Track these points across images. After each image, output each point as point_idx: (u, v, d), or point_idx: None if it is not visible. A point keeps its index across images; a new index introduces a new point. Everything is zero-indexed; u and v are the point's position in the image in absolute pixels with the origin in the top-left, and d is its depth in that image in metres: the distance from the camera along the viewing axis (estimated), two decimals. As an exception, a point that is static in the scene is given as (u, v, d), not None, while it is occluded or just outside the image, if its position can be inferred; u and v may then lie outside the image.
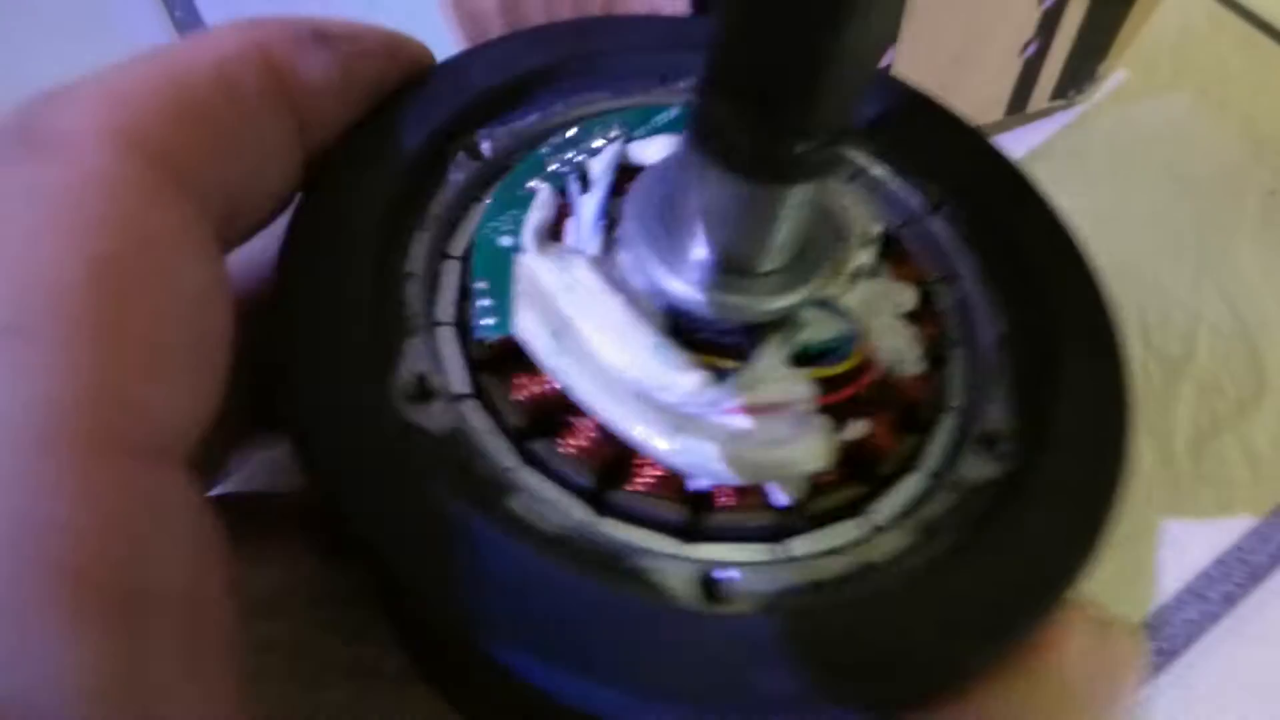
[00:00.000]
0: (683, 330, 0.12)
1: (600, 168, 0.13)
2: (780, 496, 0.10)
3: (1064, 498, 0.10)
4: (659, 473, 0.11)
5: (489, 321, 0.12)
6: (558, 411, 0.11)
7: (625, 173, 0.13)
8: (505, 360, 0.11)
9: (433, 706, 0.14)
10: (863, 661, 0.09)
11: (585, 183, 0.13)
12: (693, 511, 0.10)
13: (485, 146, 0.13)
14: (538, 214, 0.13)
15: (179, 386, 0.08)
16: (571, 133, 0.14)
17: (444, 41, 0.19)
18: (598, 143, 0.13)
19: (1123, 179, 0.28)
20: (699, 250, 0.11)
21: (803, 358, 0.11)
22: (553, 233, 0.13)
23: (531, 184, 0.13)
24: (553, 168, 0.13)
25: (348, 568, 0.11)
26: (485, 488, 0.10)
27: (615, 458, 0.11)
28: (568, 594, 0.09)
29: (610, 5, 0.16)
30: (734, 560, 0.10)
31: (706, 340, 0.12)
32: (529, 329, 0.11)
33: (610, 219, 0.12)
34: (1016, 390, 0.12)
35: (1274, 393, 0.23)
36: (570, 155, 0.14)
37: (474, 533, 0.09)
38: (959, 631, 0.09)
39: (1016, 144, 0.28)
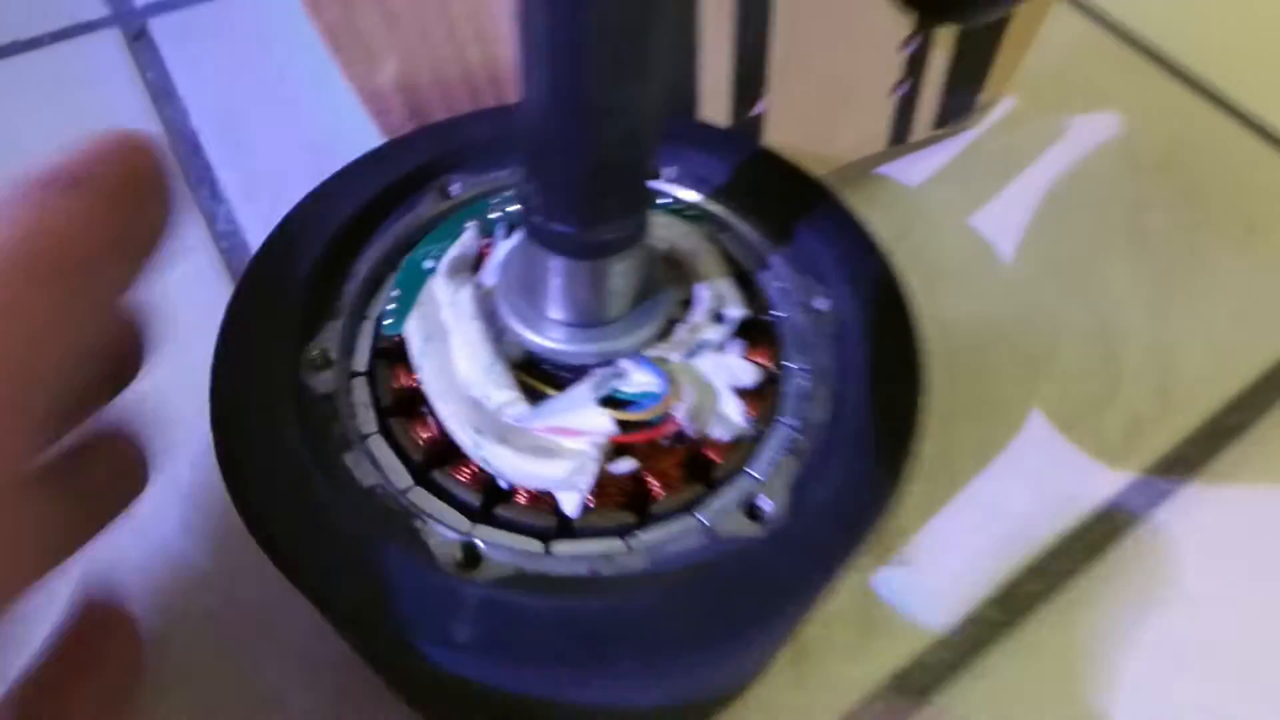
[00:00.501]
0: (537, 367, 0.15)
1: None
2: (565, 506, 0.13)
3: (775, 573, 0.12)
4: (474, 468, 0.13)
5: (390, 321, 0.15)
6: (418, 401, 0.14)
7: None
8: (400, 355, 0.15)
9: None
10: (524, 641, 0.11)
11: (511, 230, 0.16)
12: (488, 499, 0.13)
13: (455, 189, 0.17)
14: (458, 248, 0.16)
15: None
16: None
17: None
18: None
19: (1006, 201, 0.31)
20: (538, 301, 0.14)
21: (615, 401, 0.14)
22: (475, 266, 0.16)
23: (469, 224, 0.16)
24: (493, 215, 0.16)
25: None
26: (332, 441, 0.13)
27: (448, 449, 0.14)
28: (345, 530, 0.12)
29: (501, 94, 0.19)
30: (500, 543, 0.13)
31: (547, 372, 0.14)
32: (410, 330, 0.15)
33: None
34: (798, 473, 0.14)
35: (1128, 388, 0.26)
36: (511, 207, 0.17)
37: (301, 471, 0.12)
38: (600, 650, 0.11)
39: (910, 172, 0.31)
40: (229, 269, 0.26)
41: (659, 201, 0.17)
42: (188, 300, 0.24)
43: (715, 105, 0.22)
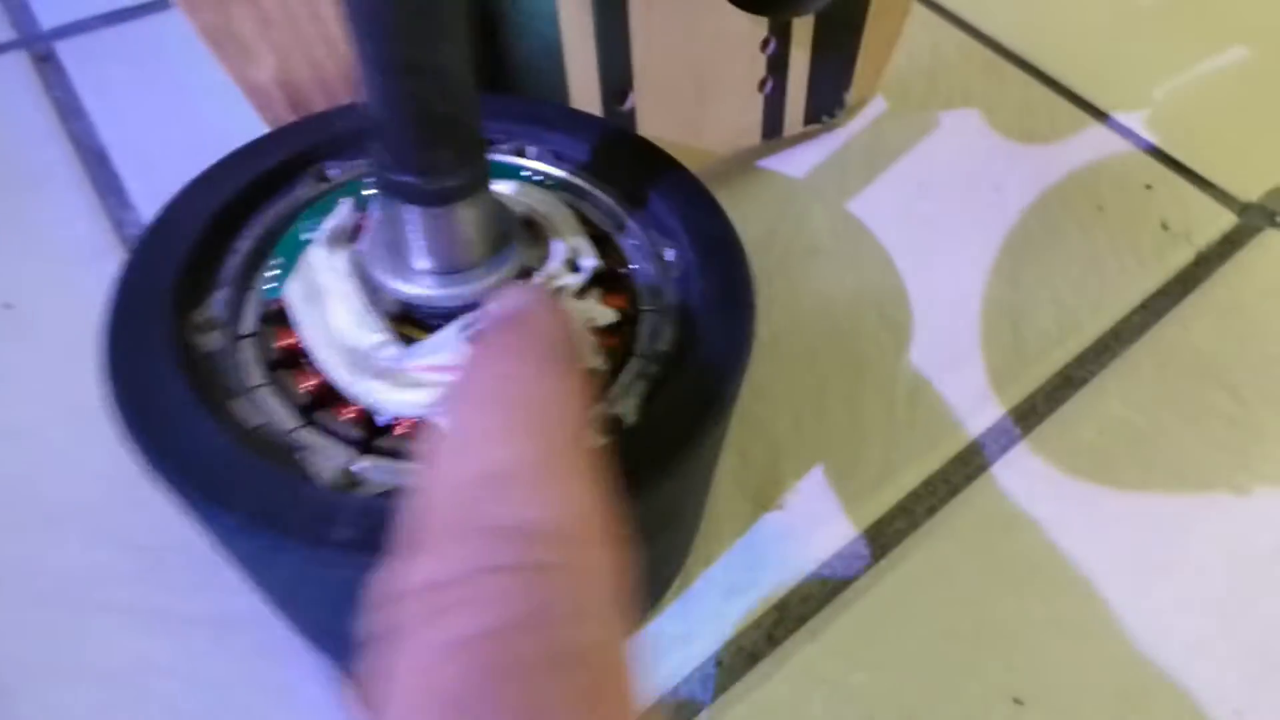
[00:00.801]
0: (413, 318, 0.16)
1: None
2: None
3: (622, 468, 0.14)
4: (355, 408, 0.15)
5: (272, 286, 0.16)
6: (300, 356, 0.15)
7: None
8: (283, 317, 0.16)
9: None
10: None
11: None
12: (369, 435, 0.15)
13: (333, 173, 0.18)
14: (334, 220, 0.17)
15: None
16: None
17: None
18: None
19: (877, 187, 0.34)
20: (403, 254, 0.15)
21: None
22: (353, 237, 0.17)
23: (344, 199, 0.18)
24: (368, 192, 0.18)
25: None
26: (219, 392, 0.15)
27: (330, 394, 0.15)
28: (230, 460, 0.13)
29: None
30: (381, 468, 0.14)
31: (422, 320, 0.16)
32: (290, 292, 0.16)
33: None
34: (648, 395, 0.16)
35: (983, 348, 0.29)
36: None
37: (188, 413, 0.14)
38: None
39: (790, 165, 0.34)
40: (136, 271, 0.27)
41: (522, 175, 0.19)
42: (96, 300, 0.25)
43: (586, 101, 0.24)
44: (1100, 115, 0.38)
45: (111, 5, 0.34)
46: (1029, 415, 0.28)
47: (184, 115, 0.31)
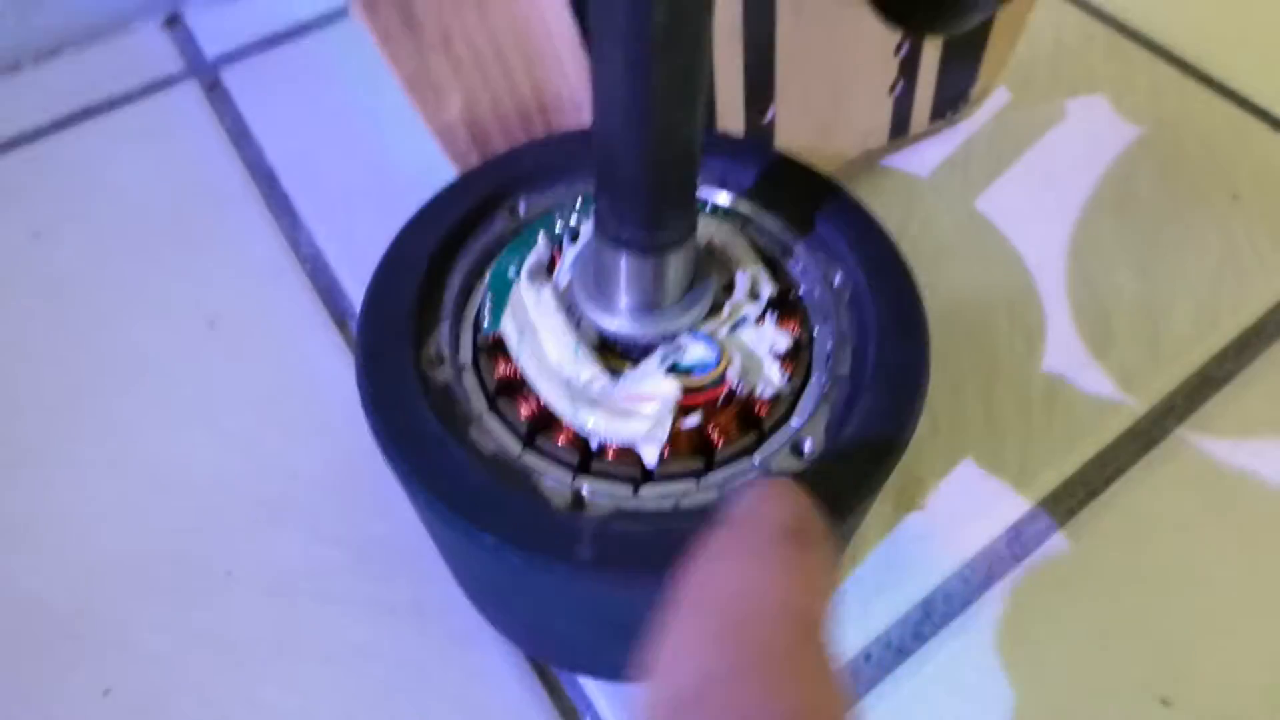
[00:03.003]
0: (610, 345, 0.18)
1: (586, 228, 0.19)
2: (646, 458, 0.16)
3: (820, 492, 0.14)
4: (570, 433, 0.17)
5: (487, 321, 0.18)
6: (519, 385, 0.17)
7: None
8: (498, 349, 0.18)
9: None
10: (634, 550, 0.14)
11: (575, 237, 0.19)
12: (583, 456, 0.16)
13: (521, 208, 0.20)
14: (534, 255, 0.19)
15: None
16: (579, 203, 0.20)
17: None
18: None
19: (1002, 182, 0.34)
20: (609, 292, 0.17)
21: (678, 370, 0.17)
22: (549, 270, 0.19)
23: (540, 235, 0.19)
24: (558, 226, 0.20)
25: None
26: (457, 419, 0.17)
27: (546, 420, 0.17)
28: (484, 486, 0.15)
29: (549, 120, 0.23)
30: (598, 489, 0.16)
31: (623, 353, 0.18)
32: (506, 327, 0.18)
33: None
34: (831, 416, 0.17)
35: (1118, 347, 0.29)
36: (572, 219, 0.20)
37: (439, 442, 0.16)
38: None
39: (915, 162, 0.34)
40: (315, 285, 0.29)
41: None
42: (284, 315, 0.28)
43: (731, 117, 0.25)
44: (1234, 96, 0.36)
45: (268, 29, 0.37)
46: (1168, 415, 0.28)
47: (344, 134, 0.33)
